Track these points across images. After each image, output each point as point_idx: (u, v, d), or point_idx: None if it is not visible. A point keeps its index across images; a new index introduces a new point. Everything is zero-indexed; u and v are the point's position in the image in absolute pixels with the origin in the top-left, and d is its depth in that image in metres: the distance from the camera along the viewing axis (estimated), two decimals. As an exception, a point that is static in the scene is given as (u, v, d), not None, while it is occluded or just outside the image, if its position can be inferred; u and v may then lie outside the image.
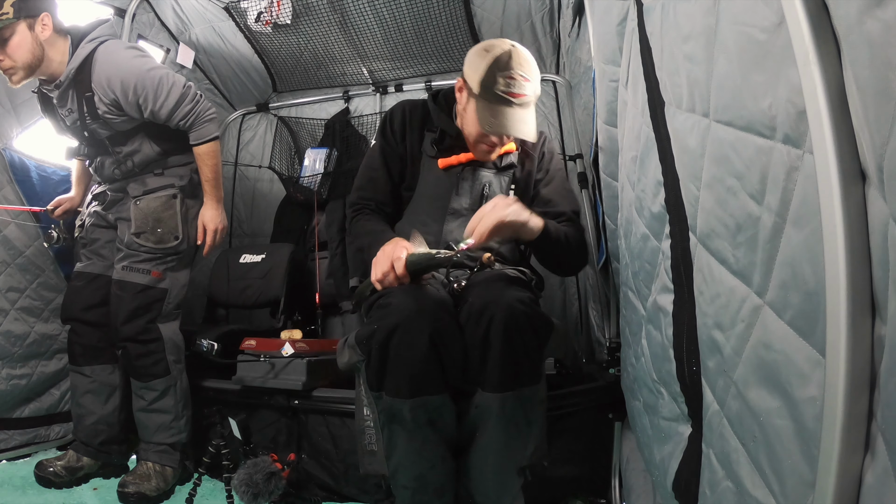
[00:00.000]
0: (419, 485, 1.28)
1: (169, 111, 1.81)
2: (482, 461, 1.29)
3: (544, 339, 1.27)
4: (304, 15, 2.53)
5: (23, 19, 1.69)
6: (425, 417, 1.23)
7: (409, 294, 1.27)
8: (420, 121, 1.64)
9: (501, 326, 1.20)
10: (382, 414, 1.27)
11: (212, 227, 1.93)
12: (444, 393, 1.25)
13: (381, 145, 1.65)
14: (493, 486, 1.30)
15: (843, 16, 0.44)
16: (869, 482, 0.47)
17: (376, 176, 1.63)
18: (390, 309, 1.24)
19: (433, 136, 1.61)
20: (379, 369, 1.24)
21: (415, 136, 1.63)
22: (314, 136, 2.98)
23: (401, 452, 1.27)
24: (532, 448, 1.30)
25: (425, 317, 1.21)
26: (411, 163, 1.63)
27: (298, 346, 1.81)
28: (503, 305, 1.22)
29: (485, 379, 1.23)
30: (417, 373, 1.20)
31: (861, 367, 0.47)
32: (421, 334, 1.20)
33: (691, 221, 0.78)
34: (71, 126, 1.89)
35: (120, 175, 1.93)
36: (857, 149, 0.46)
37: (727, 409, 0.71)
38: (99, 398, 1.93)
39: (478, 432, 1.27)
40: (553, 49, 2.56)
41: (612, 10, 1.19)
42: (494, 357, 1.21)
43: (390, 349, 1.21)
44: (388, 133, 1.65)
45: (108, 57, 1.79)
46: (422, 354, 1.20)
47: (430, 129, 1.63)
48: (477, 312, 1.24)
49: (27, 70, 1.74)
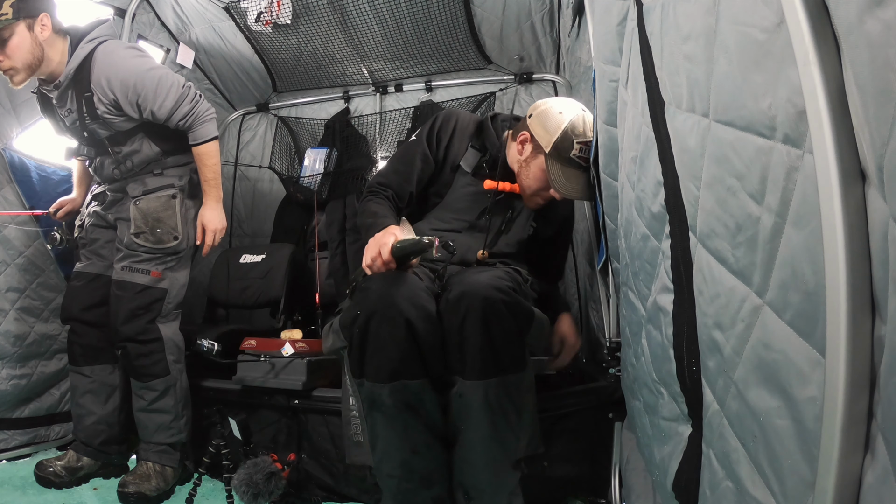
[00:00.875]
0: (404, 472, 1.28)
1: (168, 111, 1.81)
2: (471, 452, 1.29)
3: (525, 325, 1.29)
4: (304, 15, 2.53)
5: (22, 20, 1.68)
6: (405, 402, 1.24)
7: (389, 279, 1.31)
8: (469, 136, 1.71)
9: (479, 314, 1.22)
10: (365, 402, 1.29)
11: (211, 227, 1.93)
12: (424, 378, 1.26)
13: (423, 148, 1.70)
14: (487, 479, 1.29)
15: (843, 16, 0.44)
16: (869, 482, 0.47)
17: (404, 170, 1.68)
18: (369, 293, 1.28)
19: (479, 156, 1.68)
20: (360, 355, 1.26)
21: (458, 148, 1.69)
22: (314, 136, 2.98)
23: (384, 440, 1.28)
24: (526, 439, 1.30)
25: (403, 301, 1.24)
26: (447, 173, 1.69)
27: (298, 346, 1.82)
28: (479, 294, 1.24)
29: (465, 367, 1.25)
30: (395, 356, 1.22)
31: (861, 367, 0.47)
32: (398, 318, 1.23)
33: (691, 221, 0.78)
34: (70, 126, 1.88)
35: (119, 175, 1.93)
36: (856, 149, 0.46)
37: (727, 409, 0.71)
38: (99, 398, 1.93)
39: (463, 424, 1.28)
40: (553, 49, 2.56)
41: (612, 10, 1.19)
42: (473, 345, 1.23)
43: (369, 334, 1.24)
44: (433, 138, 1.70)
45: (107, 57, 1.79)
46: (399, 338, 1.22)
47: (474, 145, 1.69)
48: (454, 301, 1.27)
49: (27, 70, 1.74)
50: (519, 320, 1.27)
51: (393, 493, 1.32)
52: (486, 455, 1.28)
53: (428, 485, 1.30)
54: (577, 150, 1.53)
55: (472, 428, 1.27)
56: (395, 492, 1.31)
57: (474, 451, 1.28)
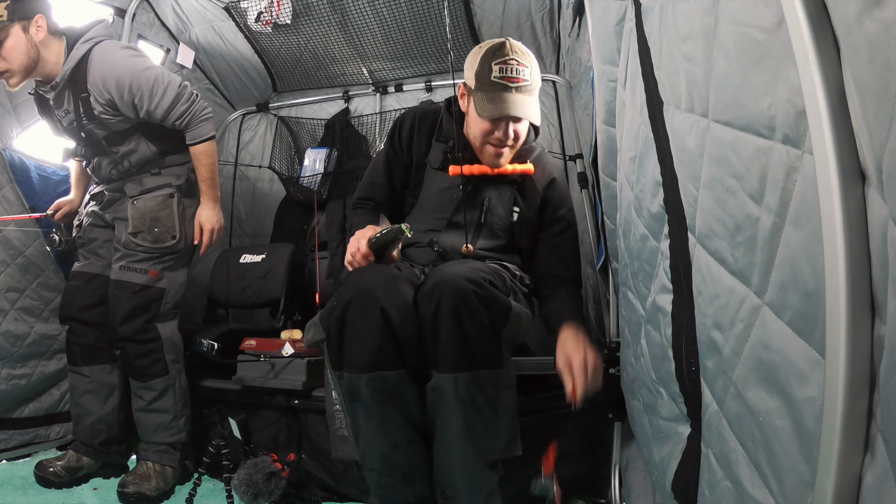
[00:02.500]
0: (383, 467, 1.27)
1: (164, 111, 1.81)
2: (445, 449, 1.27)
3: (500, 320, 1.25)
4: (304, 15, 2.53)
5: (17, 21, 1.69)
6: (383, 393, 1.23)
7: (366, 271, 1.31)
8: (429, 130, 1.65)
9: (450, 304, 1.21)
10: (345, 394, 1.28)
11: (208, 226, 1.93)
12: (401, 369, 1.24)
13: (388, 152, 1.68)
14: (462, 478, 1.27)
15: (843, 16, 0.44)
16: (868, 482, 0.47)
17: (378, 181, 1.69)
18: (347, 286, 1.28)
19: (442, 146, 1.61)
20: (338, 345, 1.26)
21: (421, 146, 1.65)
22: (314, 136, 2.97)
23: (364, 432, 1.27)
24: (503, 440, 1.27)
25: (378, 291, 1.24)
26: (416, 172, 1.65)
27: (298, 346, 1.82)
28: (451, 285, 1.22)
29: (438, 360, 1.23)
30: (372, 346, 1.22)
31: (860, 368, 0.47)
32: (373, 308, 1.22)
33: (690, 221, 0.78)
34: (68, 127, 1.88)
35: (117, 175, 1.93)
36: (856, 149, 0.46)
37: (726, 409, 0.71)
38: (98, 398, 1.93)
39: (438, 418, 1.26)
40: (553, 49, 2.56)
41: (611, 9, 1.18)
42: (445, 337, 1.21)
43: (346, 324, 1.24)
44: (396, 141, 1.67)
45: (104, 57, 1.79)
46: (375, 328, 1.22)
47: (439, 138, 1.63)
48: (427, 292, 1.25)
49: (23, 72, 1.74)
50: (492, 314, 1.23)
51: (374, 487, 1.30)
52: (458, 451, 1.25)
53: (409, 482, 1.28)
54: (498, 72, 1.43)
55: (445, 423, 1.25)
56: (376, 486, 1.30)
57: (448, 449, 1.26)
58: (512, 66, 1.44)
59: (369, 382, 1.22)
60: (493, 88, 1.45)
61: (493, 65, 1.44)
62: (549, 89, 2.67)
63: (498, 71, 1.44)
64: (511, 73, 1.44)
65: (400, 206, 1.70)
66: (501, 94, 1.44)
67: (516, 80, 1.45)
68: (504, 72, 1.44)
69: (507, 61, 1.44)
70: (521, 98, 1.45)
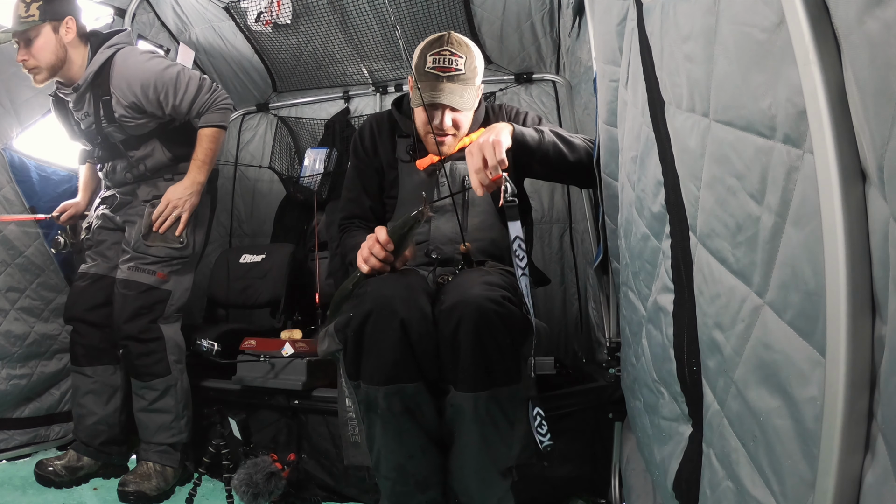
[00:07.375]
0: (398, 475, 1.28)
1: (189, 102, 1.88)
2: (461, 461, 1.28)
3: (519, 338, 1.24)
4: (304, 15, 2.54)
5: (48, 22, 1.76)
6: (401, 406, 1.23)
7: (385, 282, 1.29)
8: (389, 130, 1.69)
9: (471, 325, 1.19)
10: (361, 404, 1.28)
11: (171, 197, 1.89)
12: (419, 381, 1.24)
13: (355, 165, 1.70)
14: (476, 487, 1.29)
15: (843, 16, 0.44)
16: (869, 482, 0.47)
17: (355, 196, 1.69)
18: (366, 296, 1.26)
19: (407, 142, 1.65)
20: (355, 357, 1.25)
21: (387, 146, 1.67)
22: (314, 136, 2.98)
23: (380, 442, 1.27)
24: (518, 448, 1.28)
25: (397, 302, 1.23)
26: (389, 171, 1.66)
27: (298, 346, 1.82)
28: (472, 304, 1.21)
29: (457, 378, 1.23)
30: (390, 359, 1.21)
31: (861, 367, 0.47)
32: (393, 320, 1.21)
33: (691, 221, 0.78)
34: (86, 129, 1.93)
35: (132, 178, 1.98)
36: (857, 149, 0.46)
37: (727, 408, 0.71)
38: (100, 399, 1.93)
39: (455, 432, 1.27)
40: (553, 49, 2.56)
41: (612, 9, 1.19)
42: (465, 356, 1.20)
43: (365, 336, 1.22)
44: (360, 151, 1.69)
45: (127, 62, 1.86)
46: (394, 341, 1.21)
47: (402, 135, 1.67)
48: (447, 311, 1.23)
49: (50, 70, 1.82)
50: (513, 333, 1.23)
51: (388, 494, 1.31)
52: (475, 465, 1.27)
53: (423, 488, 1.29)
54: (431, 62, 1.49)
55: (463, 437, 1.26)
56: (389, 493, 1.31)
57: (464, 461, 1.28)
58: (445, 57, 1.49)
59: (387, 395, 1.22)
60: (426, 78, 1.50)
61: (427, 56, 1.51)
62: (549, 89, 2.68)
63: (431, 62, 1.50)
64: (443, 64, 1.49)
65: (382, 213, 1.69)
66: (433, 83, 1.49)
67: (448, 69, 1.49)
68: (437, 62, 1.50)
69: (440, 52, 1.50)
70: (451, 87, 1.49)
